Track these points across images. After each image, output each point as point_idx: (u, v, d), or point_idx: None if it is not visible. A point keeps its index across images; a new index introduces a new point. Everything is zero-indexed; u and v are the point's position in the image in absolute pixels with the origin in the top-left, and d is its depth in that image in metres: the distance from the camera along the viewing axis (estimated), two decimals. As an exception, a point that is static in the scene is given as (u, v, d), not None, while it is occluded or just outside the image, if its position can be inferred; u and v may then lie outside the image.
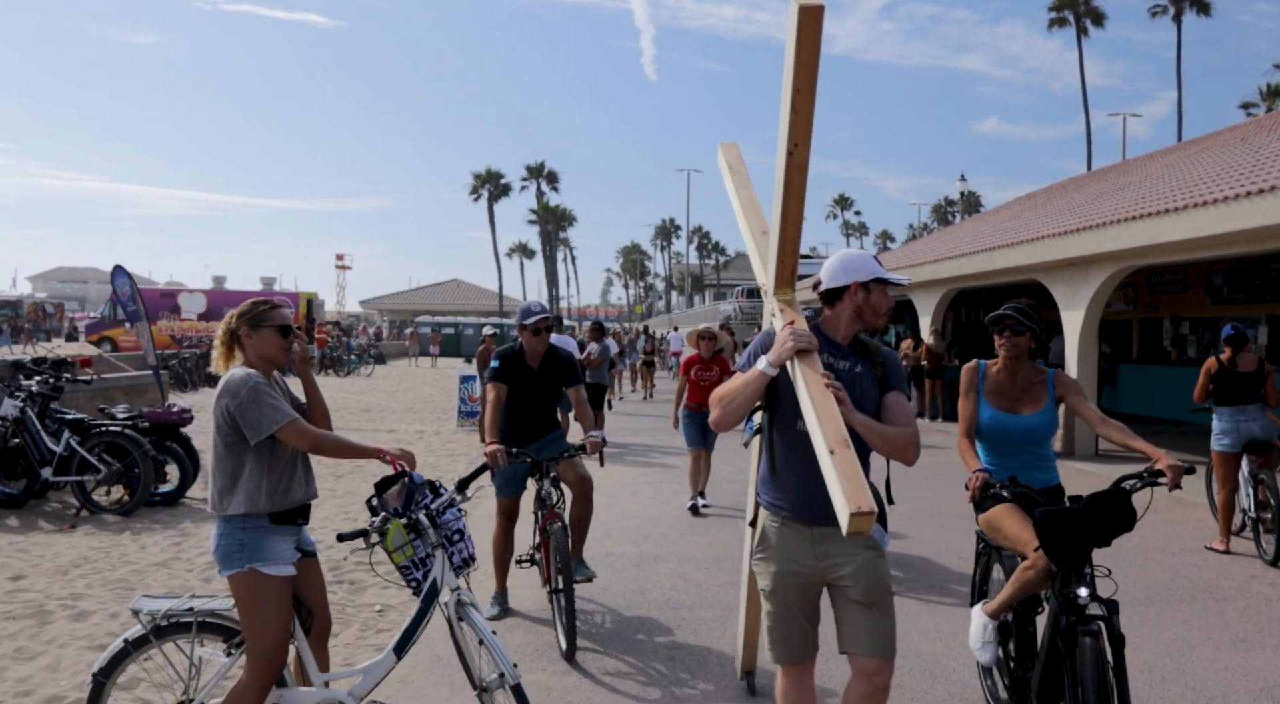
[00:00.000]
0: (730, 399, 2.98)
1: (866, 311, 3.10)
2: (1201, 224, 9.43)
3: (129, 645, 3.37)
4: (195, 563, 6.68)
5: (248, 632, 3.27)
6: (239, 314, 3.46)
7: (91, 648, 4.91)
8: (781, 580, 3.01)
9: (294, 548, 3.38)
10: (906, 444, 2.96)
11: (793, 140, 2.96)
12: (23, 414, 8.33)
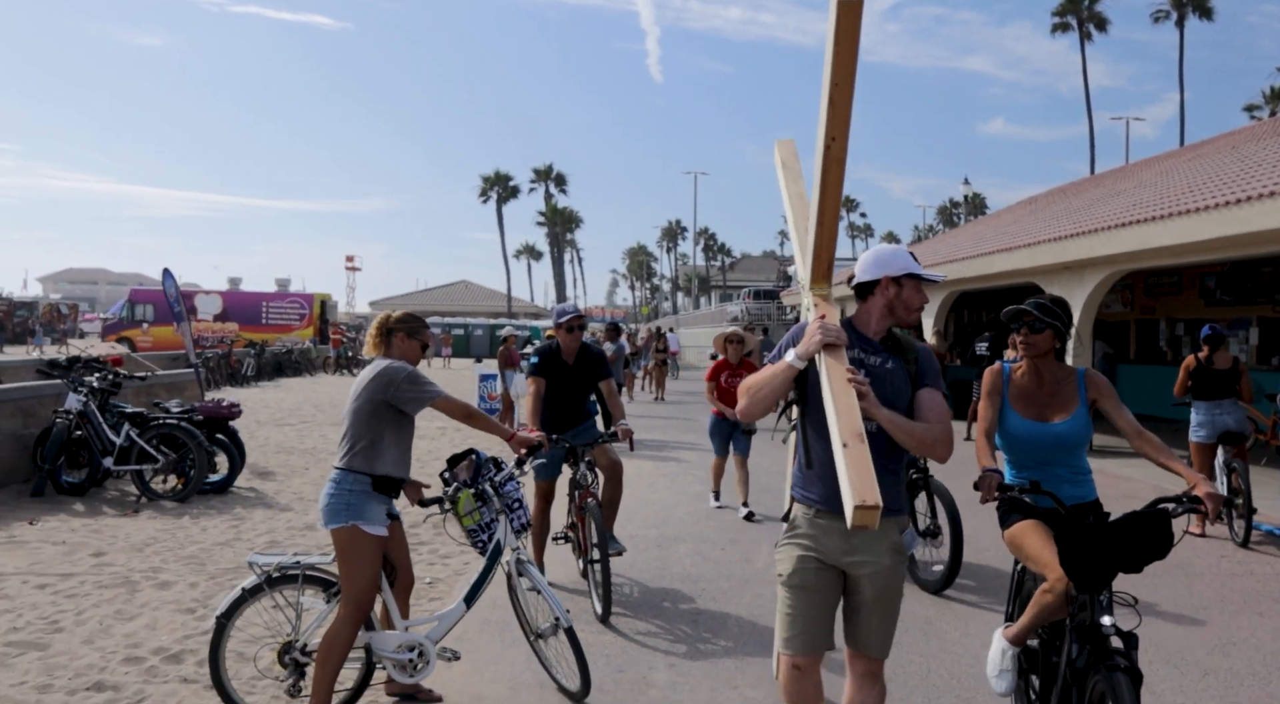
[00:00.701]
0: (758, 389, 3.03)
1: (898, 307, 3.10)
2: (1185, 231, 10.04)
3: (246, 593, 3.99)
4: (255, 542, 7.31)
5: (344, 579, 3.90)
6: (399, 320, 4.22)
7: (180, 611, 5.55)
8: (803, 563, 3.01)
9: (385, 513, 4.02)
10: (935, 440, 2.94)
11: (830, 134, 2.98)
12: (86, 408, 8.98)
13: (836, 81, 2.86)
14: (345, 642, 3.88)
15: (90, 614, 5.44)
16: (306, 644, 4.04)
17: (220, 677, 3.98)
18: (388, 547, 4.08)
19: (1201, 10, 47.75)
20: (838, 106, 2.91)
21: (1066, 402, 3.66)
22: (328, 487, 3.96)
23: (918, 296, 3.09)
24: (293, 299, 42.90)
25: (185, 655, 4.82)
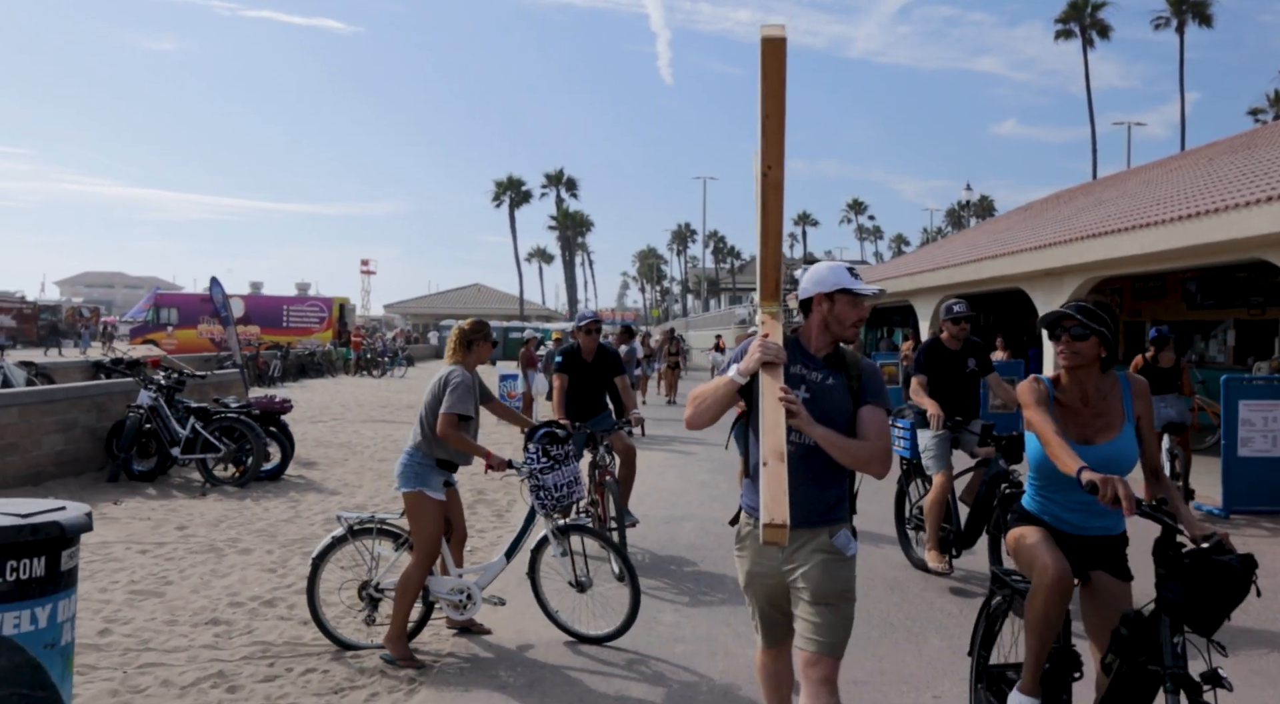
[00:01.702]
0: (701, 400, 3.14)
1: (832, 322, 3.16)
2: (1148, 242, 11.03)
3: (335, 540, 5.04)
4: (314, 519, 8.36)
5: (414, 532, 4.93)
6: (473, 329, 5.23)
7: (264, 570, 6.60)
8: (751, 580, 3.21)
9: (443, 483, 5.05)
10: (870, 458, 3.00)
11: (766, 162, 3.08)
12: (156, 403, 10.06)
13: (768, 113, 2.99)
14: (417, 581, 4.90)
15: (190, 572, 6.50)
16: (379, 583, 5.08)
17: (315, 607, 5.03)
18: (447, 509, 5.11)
19: (1201, 17, 48.60)
20: (770, 136, 3.03)
21: (1112, 419, 3.28)
22: (402, 458, 5.01)
23: (851, 311, 3.14)
24: (312, 303, 44.04)
25: (277, 601, 5.87)
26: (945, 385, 6.50)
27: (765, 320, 3.24)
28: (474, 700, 4.35)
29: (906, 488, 7.04)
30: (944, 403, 6.31)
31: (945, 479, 6.34)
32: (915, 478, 6.94)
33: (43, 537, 3.26)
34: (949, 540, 6.39)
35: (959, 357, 6.55)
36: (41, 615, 3.27)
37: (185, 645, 5.04)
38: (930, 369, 6.52)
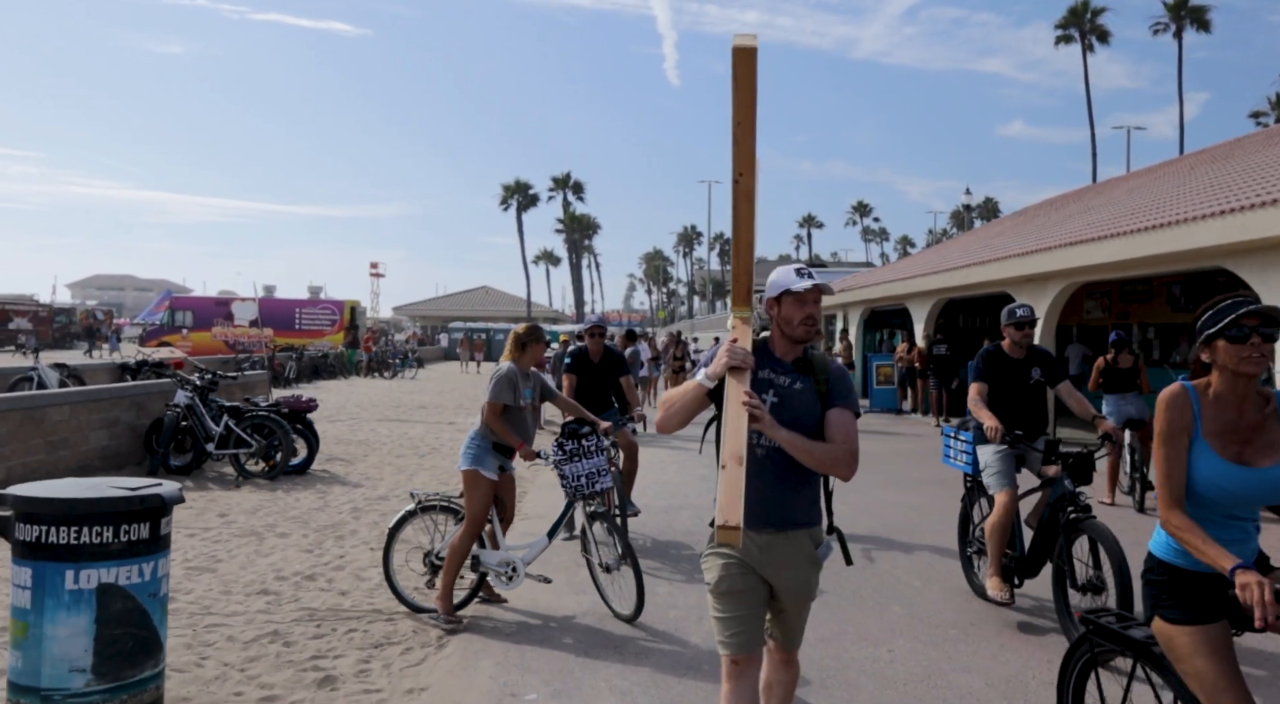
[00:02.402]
0: (671, 404, 3.17)
1: (782, 324, 3.24)
2: (1116, 250, 11.74)
3: (406, 514, 5.80)
4: (343, 508, 9.11)
5: (466, 506, 5.64)
6: (527, 332, 5.87)
7: (302, 551, 7.35)
8: (728, 570, 3.15)
9: (499, 466, 5.73)
10: (835, 460, 3.05)
11: (738, 170, 3.08)
12: (192, 402, 10.83)
13: (739, 120, 3.00)
14: (463, 550, 5.58)
15: (236, 552, 7.26)
16: (440, 552, 5.81)
17: (390, 572, 5.82)
18: (499, 489, 5.79)
19: (1199, 23, 49.22)
20: (742, 144, 3.04)
21: (1273, 436, 2.77)
22: (465, 439, 5.74)
23: (796, 311, 3.18)
24: (324, 305, 44.85)
25: (317, 576, 6.63)
26: (1007, 398, 5.88)
27: (736, 325, 3.33)
28: (492, 652, 5.09)
29: (970, 508, 6.47)
30: (1005, 417, 5.72)
31: (1008, 499, 5.71)
32: (979, 497, 6.35)
33: (147, 506, 4.02)
34: (1011, 568, 5.83)
35: (1022, 366, 5.94)
36: (146, 570, 4.03)
37: (241, 611, 5.79)
38: (990, 379, 5.88)
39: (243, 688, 4.57)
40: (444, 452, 13.42)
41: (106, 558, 3.90)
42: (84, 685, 3.86)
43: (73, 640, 3.84)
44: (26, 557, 3.87)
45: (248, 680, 4.67)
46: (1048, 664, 4.92)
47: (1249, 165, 13.82)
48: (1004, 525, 5.73)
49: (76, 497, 3.94)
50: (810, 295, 3.20)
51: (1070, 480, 5.38)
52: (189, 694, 4.44)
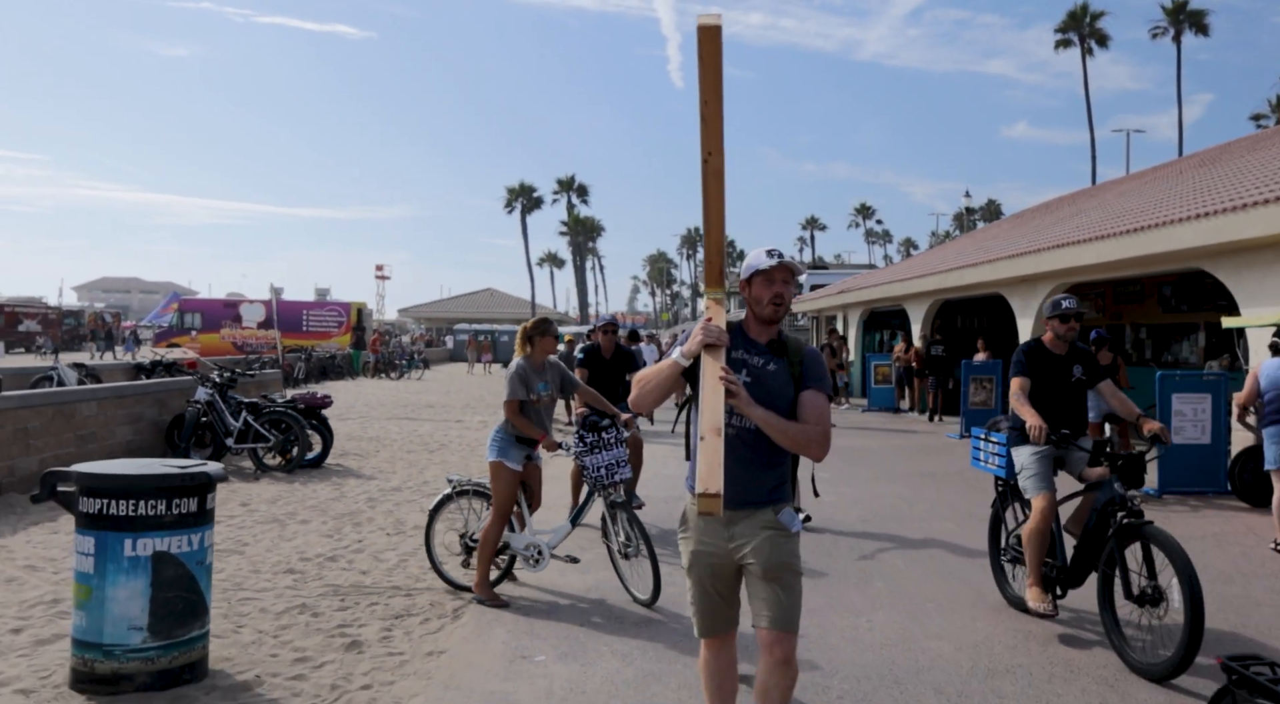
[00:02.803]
0: (646, 382, 3.22)
1: (753, 303, 3.29)
2: (1100, 253, 12.18)
3: (444, 498, 6.23)
4: (358, 499, 9.56)
5: (492, 495, 6.01)
6: (534, 327, 6.15)
7: (323, 536, 7.80)
8: (697, 559, 3.24)
9: (524, 457, 6.06)
10: (809, 441, 3.12)
11: (706, 149, 3.09)
12: (212, 398, 11.29)
13: (706, 99, 3.01)
14: (493, 537, 5.91)
15: (261, 537, 7.71)
16: (474, 533, 6.20)
17: (431, 550, 6.27)
18: (526, 478, 6.12)
19: (1198, 26, 49.62)
20: (709, 123, 3.05)
21: None
22: (491, 432, 6.13)
23: (765, 291, 3.24)
24: (331, 307, 45.38)
25: (338, 557, 7.08)
26: (1048, 395, 5.55)
27: (710, 305, 3.37)
28: (504, 621, 5.53)
29: (1002, 513, 6.14)
30: (1046, 416, 5.34)
31: (1047, 504, 5.39)
32: (1012, 501, 6.04)
33: (196, 482, 4.49)
34: (1053, 577, 5.50)
35: (1064, 362, 5.64)
36: (194, 540, 4.49)
37: (270, 587, 6.24)
38: (1031, 375, 5.58)
39: (278, 651, 5.02)
40: (452, 447, 13.88)
41: (160, 528, 4.36)
42: (141, 642, 4.32)
43: (131, 602, 4.30)
44: (89, 527, 4.34)
45: (282, 645, 5.12)
46: (1013, 632, 5.37)
47: (1234, 169, 14.25)
48: (1043, 532, 5.38)
49: (134, 473, 4.41)
50: (778, 274, 3.24)
51: (1121, 483, 5.05)
52: (230, 655, 4.89)
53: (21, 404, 9.13)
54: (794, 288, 3.33)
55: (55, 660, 4.70)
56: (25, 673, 4.55)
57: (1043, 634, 5.37)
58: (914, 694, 4.47)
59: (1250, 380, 7.68)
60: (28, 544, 7.23)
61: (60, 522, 8.03)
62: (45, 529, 7.76)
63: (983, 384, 15.56)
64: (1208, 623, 4.69)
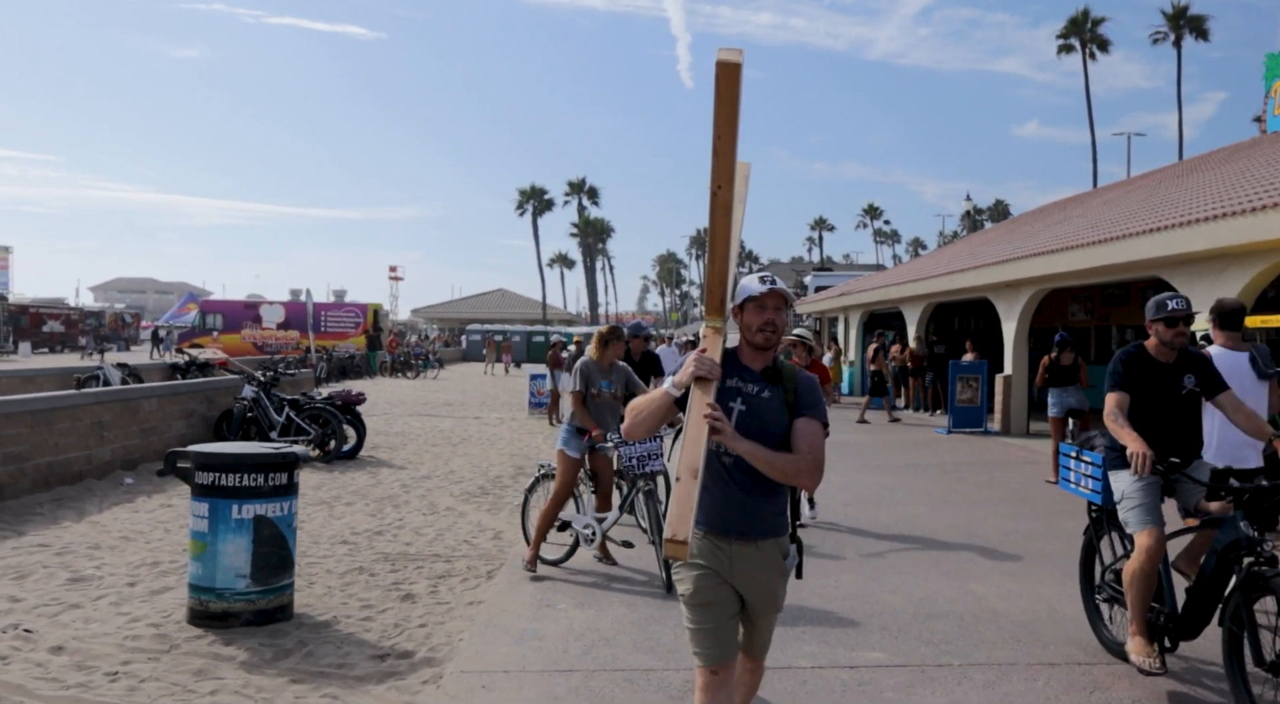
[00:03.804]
0: (639, 412, 3.19)
1: (744, 331, 3.26)
2: (1073, 261, 13.20)
3: (535, 480, 7.20)
4: (393, 486, 10.66)
5: (556, 477, 6.88)
6: (610, 332, 6.98)
7: (367, 516, 8.89)
8: (702, 581, 3.14)
9: (588, 447, 6.88)
10: (798, 471, 3.08)
11: (716, 182, 3.06)
12: (257, 396, 12.41)
13: (719, 134, 2.98)
14: (549, 514, 6.78)
15: (313, 517, 8.80)
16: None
17: (525, 521, 7.27)
18: (594, 465, 6.97)
19: (1198, 32, 50.46)
20: (722, 157, 3.02)
21: None
22: (560, 426, 7.10)
23: (755, 317, 3.21)
24: (348, 308, 46.56)
25: (384, 532, 8.17)
26: (1153, 412, 4.66)
27: (706, 334, 3.33)
28: (527, 583, 6.61)
29: (1097, 543, 5.28)
30: (1152, 437, 4.43)
31: (1154, 542, 4.52)
32: (1109, 529, 5.14)
33: (287, 460, 5.59)
34: (1160, 626, 4.65)
35: (1172, 372, 4.73)
36: (285, 507, 5.59)
37: (330, 555, 7.34)
38: (1133, 389, 4.67)
39: (346, 601, 6.11)
40: (474, 441, 14.98)
41: (259, 496, 5.46)
42: (245, 587, 5.42)
43: (237, 555, 5.40)
44: (204, 495, 5.44)
45: (349, 597, 6.21)
46: (957, 589, 6.42)
47: (1202, 181, 15.24)
48: (1149, 574, 4.53)
49: (240, 452, 5.52)
50: (769, 301, 3.20)
51: (1248, 522, 4.21)
52: (308, 603, 5.98)
53: (96, 400, 10.27)
54: (786, 315, 3.29)
55: (170, 605, 5.81)
56: (149, 613, 5.66)
57: (966, 596, 6.42)
58: (865, 631, 5.53)
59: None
60: (115, 521, 8.34)
61: (138, 502, 9.17)
62: (126, 509, 8.87)
63: (969, 383, 16.58)
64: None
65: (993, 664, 4.97)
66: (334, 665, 4.93)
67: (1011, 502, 9.90)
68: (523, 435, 16.14)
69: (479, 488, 10.62)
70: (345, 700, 4.47)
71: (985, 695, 4.55)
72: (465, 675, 4.75)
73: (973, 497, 10.23)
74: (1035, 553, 7.54)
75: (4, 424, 8.61)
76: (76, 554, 7.07)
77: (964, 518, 8.96)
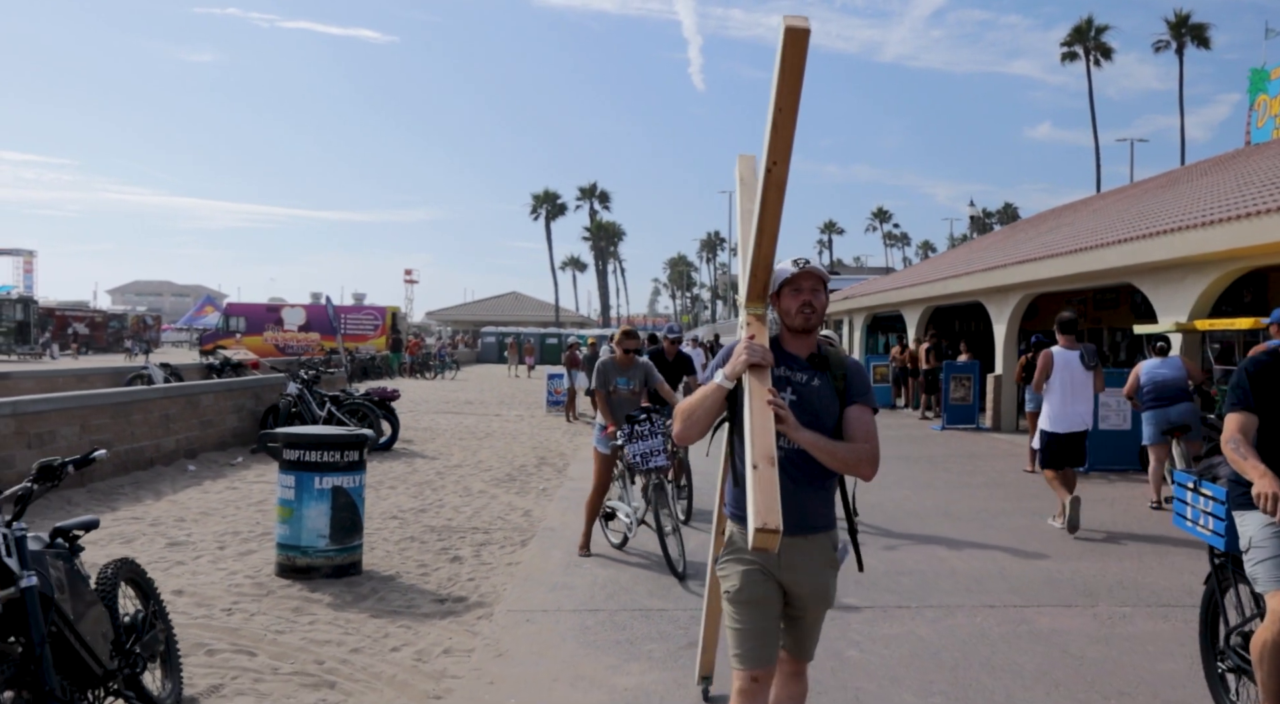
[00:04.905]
0: (691, 412, 3.06)
1: (784, 316, 3.15)
2: (1054, 268, 14.24)
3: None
4: (427, 474, 11.76)
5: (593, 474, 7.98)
6: (624, 333, 7.76)
7: (410, 498, 9.98)
8: (749, 577, 3.05)
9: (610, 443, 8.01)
10: (859, 460, 2.98)
11: (771, 158, 2.95)
12: (301, 392, 13.55)
13: (780, 107, 2.87)
14: (592, 503, 7.64)
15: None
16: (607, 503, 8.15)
17: (606, 532, 8.33)
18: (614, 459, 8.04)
19: (1200, 39, 51.34)
20: (780, 131, 2.91)
21: None
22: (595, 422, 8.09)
23: (792, 301, 3.11)
24: (367, 311, 47.80)
25: (427, 509, 9.27)
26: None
27: (750, 321, 3.23)
28: (560, 548, 7.69)
29: (1220, 597, 4.20)
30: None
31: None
32: (1235, 582, 4.11)
33: (359, 440, 6.70)
34: None
35: None
36: (356, 479, 6.69)
37: (382, 527, 8.44)
38: (1263, 406, 3.74)
39: (404, 562, 7.21)
40: (497, 436, 16.10)
41: (336, 470, 6.56)
42: (325, 545, 6.52)
43: (318, 518, 6.51)
44: (291, 469, 6.55)
45: (405, 558, 7.31)
46: (926, 553, 7.48)
47: (1181, 193, 16.25)
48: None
49: (320, 433, 6.64)
50: (805, 282, 3.11)
51: None
52: (372, 563, 7.08)
53: (164, 395, 11.42)
54: (825, 296, 3.17)
55: (259, 563, 6.92)
56: (243, 568, 6.78)
57: (931, 558, 7.47)
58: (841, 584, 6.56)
59: (1132, 376, 9.74)
60: (190, 499, 9.47)
61: (205, 485, 10.31)
62: (197, 491, 10.01)
63: (961, 382, 17.61)
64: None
65: (943, 606, 6.04)
66: (403, 607, 6.03)
67: (988, 487, 10.95)
68: (542, 431, 17.26)
69: (506, 475, 11.72)
70: (418, 630, 5.56)
71: (933, 627, 5.62)
72: (512, 614, 5.85)
73: (954, 483, 11.28)
74: (1000, 527, 8.60)
75: (93, 415, 9.77)
76: (166, 525, 8.19)
77: (942, 499, 10.02)
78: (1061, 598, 6.27)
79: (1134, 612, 5.96)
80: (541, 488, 10.78)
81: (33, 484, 3.44)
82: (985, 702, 4.50)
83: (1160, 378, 9.42)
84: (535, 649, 5.20)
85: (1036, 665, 4.97)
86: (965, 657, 5.11)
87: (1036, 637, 5.45)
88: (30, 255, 75.74)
